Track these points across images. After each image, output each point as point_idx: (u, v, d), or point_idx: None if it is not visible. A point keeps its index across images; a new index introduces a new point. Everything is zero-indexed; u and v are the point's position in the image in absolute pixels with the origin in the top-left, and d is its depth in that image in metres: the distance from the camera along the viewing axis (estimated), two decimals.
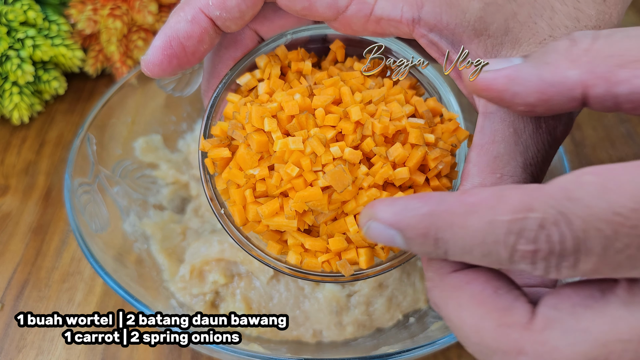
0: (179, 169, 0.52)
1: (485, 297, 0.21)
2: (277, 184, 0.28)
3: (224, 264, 0.42)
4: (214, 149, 0.30)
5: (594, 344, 0.19)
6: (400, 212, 0.21)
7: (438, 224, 0.20)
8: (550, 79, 0.21)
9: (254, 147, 0.28)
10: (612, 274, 0.19)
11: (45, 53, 0.57)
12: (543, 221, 0.18)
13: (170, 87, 0.53)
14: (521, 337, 0.20)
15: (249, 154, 0.28)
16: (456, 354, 0.43)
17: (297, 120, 0.28)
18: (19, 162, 0.58)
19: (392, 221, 0.21)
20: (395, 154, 0.27)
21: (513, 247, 0.19)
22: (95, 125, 0.46)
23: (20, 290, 0.47)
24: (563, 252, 0.18)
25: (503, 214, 0.19)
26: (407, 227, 0.21)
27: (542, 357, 0.19)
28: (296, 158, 0.27)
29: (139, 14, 0.60)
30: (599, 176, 0.18)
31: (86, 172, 0.43)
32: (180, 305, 0.42)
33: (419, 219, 0.20)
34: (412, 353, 0.33)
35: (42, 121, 0.62)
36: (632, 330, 0.18)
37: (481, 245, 0.19)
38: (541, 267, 0.19)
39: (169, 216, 0.49)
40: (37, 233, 0.51)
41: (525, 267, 0.19)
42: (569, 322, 0.19)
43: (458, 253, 0.20)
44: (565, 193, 0.18)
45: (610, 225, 0.17)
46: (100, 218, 0.42)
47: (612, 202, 0.17)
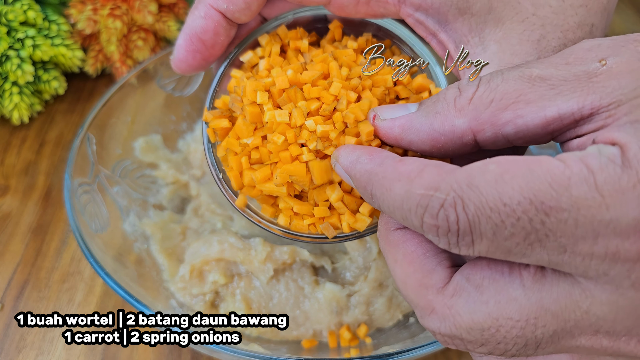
0: (178, 169, 0.52)
1: (414, 258, 0.24)
2: (268, 153, 0.30)
3: (223, 264, 0.42)
4: (215, 120, 0.32)
5: (488, 316, 0.21)
6: (353, 162, 0.24)
7: (373, 182, 0.23)
8: (440, 129, 0.23)
9: (248, 119, 0.30)
10: (506, 258, 0.20)
11: (45, 53, 0.57)
12: (444, 202, 0.20)
13: (170, 86, 0.53)
14: (434, 299, 0.23)
15: (245, 125, 0.30)
16: (456, 353, 0.43)
17: (286, 94, 0.30)
18: (18, 162, 0.58)
19: (347, 168, 0.25)
20: (366, 130, 0.28)
21: (421, 218, 0.21)
22: (95, 125, 0.46)
23: (20, 291, 0.47)
24: (459, 232, 0.20)
25: (417, 188, 0.21)
26: (354, 177, 0.24)
27: (446, 318, 0.22)
28: (282, 130, 0.29)
29: (139, 13, 0.60)
30: (500, 166, 0.20)
31: (86, 172, 0.43)
32: (180, 305, 0.42)
33: (362, 173, 0.24)
34: (413, 353, 0.33)
35: (42, 121, 0.62)
36: (522, 311, 0.21)
37: (400, 210, 0.22)
38: (444, 241, 0.21)
39: (168, 216, 0.49)
40: (37, 233, 0.51)
41: (433, 239, 0.21)
42: (473, 294, 0.22)
43: (386, 210, 0.23)
44: (468, 179, 0.20)
45: (498, 215, 0.19)
46: (100, 218, 0.42)
47: (502, 193, 0.19)
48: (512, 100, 0.22)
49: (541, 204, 0.18)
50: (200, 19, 0.30)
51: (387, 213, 0.23)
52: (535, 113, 0.22)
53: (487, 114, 0.22)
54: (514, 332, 0.21)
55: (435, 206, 0.20)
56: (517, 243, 0.19)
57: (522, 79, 0.22)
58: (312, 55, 0.33)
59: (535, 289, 0.21)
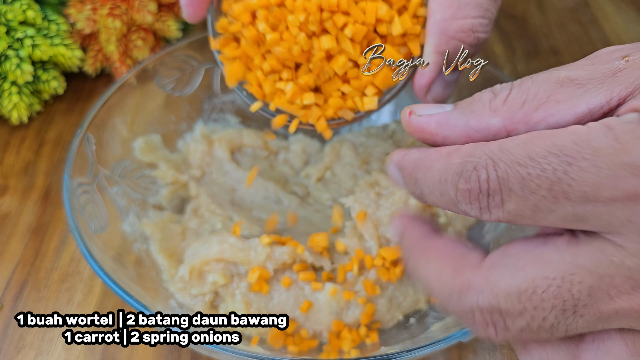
0: (178, 169, 0.52)
1: (447, 250, 0.26)
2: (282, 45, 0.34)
3: (223, 264, 0.42)
4: (225, 49, 0.37)
5: (524, 279, 0.22)
6: (402, 156, 0.27)
7: (418, 166, 0.25)
8: (476, 126, 0.25)
9: (249, 41, 0.35)
10: (534, 217, 0.22)
11: (44, 53, 0.57)
12: (477, 164, 0.22)
13: (170, 86, 0.53)
14: (470, 275, 0.24)
15: (249, 47, 0.35)
16: (457, 354, 0.43)
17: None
18: (18, 162, 0.58)
19: (397, 161, 0.27)
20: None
21: (456, 186, 0.23)
22: (95, 125, 0.45)
23: (20, 291, 0.47)
24: (489, 191, 0.22)
25: (455, 158, 0.23)
26: (402, 168, 0.27)
27: (484, 290, 0.23)
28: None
29: (138, 13, 0.60)
30: (529, 134, 0.22)
31: (85, 172, 0.43)
32: (179, 306, 0.42)
33: (408, 161, 0.26)
34: (413, 354, 0.33)
35: (41, 121, 0.62)
36: (558, 269, 0.22)
37: (439, 185, 0.24)
38: (475, 207, 0.23)
39: (168, 216, 0.49)
40: (36, 233, 0.51)
41: (466, 208, 0.23)
42: (509, 263, 0.23)
43: (427, 192, 0.25)
44: (500, 144, 0.22)
45: (525, 169, 0.21)
46: (100, 218, 0.42)
47: (529, 151, 0.21)
48: (542, 100, 0.24)
49: (565, 156, 0.20)
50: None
51: (427, 195, 0.25)
52: (565, 111, 0.23)
53: (521, 114, 0.24)
54: (550, 291, 0.22)
55: (469, 169, 0.22)
56: (543, 196, 0.21)
57: (550, 80, 0.24)
58: None
59: (569, 251, 0.22)
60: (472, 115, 0.25)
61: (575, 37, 0.77)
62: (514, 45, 0.75)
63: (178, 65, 0.53)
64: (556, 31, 0.78)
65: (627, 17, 0.80)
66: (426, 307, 0.44)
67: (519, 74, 0.68)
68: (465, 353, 0.43)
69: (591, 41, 0.76)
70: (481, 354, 0.43)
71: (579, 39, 0.76)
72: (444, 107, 0.27)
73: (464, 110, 0.26)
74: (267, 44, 0.34)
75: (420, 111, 0.27)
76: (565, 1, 0.84)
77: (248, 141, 0.54)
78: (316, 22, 0.33)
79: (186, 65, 0.54)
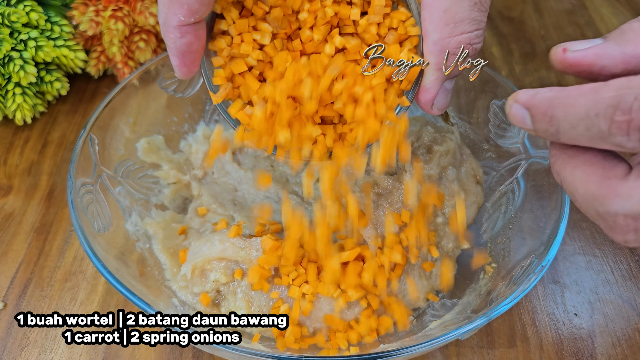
0: (180, 169, 0.52)
1: (594, 160, 0.27)
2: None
3: (225, 263, 0.43)
4: (234, 110, 0.36)
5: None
6: (532, 95, 0.27)
7: (554, 104, 0.26)
8: (633, 52, 0.26)
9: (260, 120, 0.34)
10: None
11: (47, 54, 0.58)
12: (638, 94, 0.22)
13: (172, 87, 0.53)
14: (618, 185, 0.25)
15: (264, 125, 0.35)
16: (455, 352, 0.43)
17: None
18: (21, 162, 0.59)
19: (524, 101, 0.28)
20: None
21: (611, 118, 0.23)
22: (98, 126, 0.46)
23: (23, 290, 0.48)
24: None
25: (606, 92, 0.24)
26: (533, 107, 0.27)
27: (631, 197, 0.25)
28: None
29: (141, 15, 0.60)
30: None
31: (89, 173, 0.44)
32: (181, 304, 0.42)
33: (542, 100, 0.27)
34: (411, 351, 0.34)
35: (45, 122, 0.63)
36: None
37: (585, 119, 0.24)
38: (635, 137, 0.23)
39: (170, 216, 0.49)
40: (40, 233, 0.52)
41: (621, 140, 0.23)
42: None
43: (567, 129, 0.25)
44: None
45: None
46: (103, 218, 0.43)
47: None
48: None
49: None
50: (179, 39, 0.32)
51: (567, 132, 0.26)
52: None
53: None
54: None
55: (628, 100, 0.23)
56: None
57: None
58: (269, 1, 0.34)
59: None
60: (627, 44, 0.26)
61: (572, 39, 0.77)
62: (511, 47, 0.75)
63: None
64: (553, 33, 0.78)
65: (623, 18, 0.81)
66: (425, 305, 0.44)
67: (517, 76, 0.69)
68: (463, 350, 0.43)
69: None
70: (478, 351, 0.43)
71: (576, 40, 0.77)
72: (595, 41, 0.28)
73: (618, 40, 0.27)
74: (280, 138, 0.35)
75: (574, 47, 0.28)
76: (562, 3, 0.84)
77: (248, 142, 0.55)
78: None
79: None
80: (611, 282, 0.49)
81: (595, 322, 0.46)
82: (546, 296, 0.47)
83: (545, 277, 0.49)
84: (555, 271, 0.49)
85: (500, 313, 0.35)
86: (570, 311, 0.46)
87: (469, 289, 0.43)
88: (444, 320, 0.40)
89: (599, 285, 0.48)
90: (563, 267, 0.50)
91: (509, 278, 0.40)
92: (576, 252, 0.51)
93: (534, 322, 0.46)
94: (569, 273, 0.49)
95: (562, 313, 0.46)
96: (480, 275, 0.44)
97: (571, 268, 0.50)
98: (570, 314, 0.46)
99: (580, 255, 0.51)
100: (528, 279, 0.36)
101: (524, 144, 0.48)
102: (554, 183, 0.43)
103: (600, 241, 0.52)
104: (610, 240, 0.52)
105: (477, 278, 0.44)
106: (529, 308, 0.47)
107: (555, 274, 0.49)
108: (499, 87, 0.49)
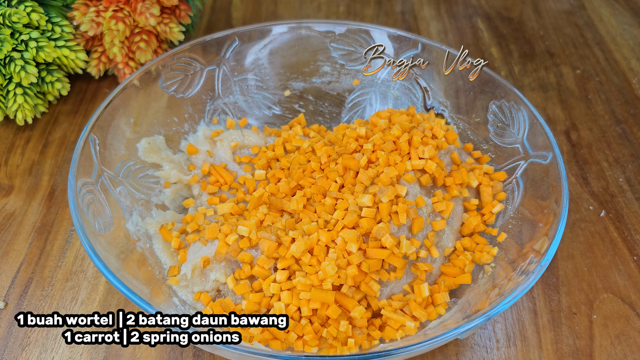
0: (181, 170, 0.53)
1: None
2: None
3: (225, 262, 0.43)
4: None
5: None
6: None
7: None
8: None
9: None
10: None
11: (48, 55, 0.58)
12: None
13: (173, 88, 0.54)
14: None
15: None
16: (454, 351, 0.43)
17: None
18: (22, 162, 0.59)
19: None
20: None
21: None
22: (99, 126, 0.46)
23: (24, 289, 0.48)
24: None
25: None
26: None
27: None
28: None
29: (141, 16, 0.61)
30: None
31: (89, 173, 0.44)
32: (182, 303, 0.43)
33: None
34: (411, 350, 0.34)
35: (46, 122, 0.63)
36: None
37: None
38: None
39: (171, 215, 0.49)
40: (41, 232, 0.52)
41: None
42: None
43: None
44: None
45: None
46: (104, 217, 0.43)
47: None
48: None
49: None
50: None
51: None
52: None
53: None
54: None
55: None
56: None
57: None
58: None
59: None
60: None
61: (571, 39, 0.77)
62: (510, 47, 0.75)
63: (180, 68, 0.54)
64: (552, 33, 0.78)
65: (622, 19, 0.81)
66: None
67: (516, 76, 0.69)
68: (462, 350, 0.44)
69: (587, 43, 0.77)
70: (478, 351, 0.44)
71: (575, 41, 0.77)
72: None
73: None
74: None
75: None
76: (561, 4, 0.84)
77: (249, 141, 0.55)
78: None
79: (188, 67, 0.54)
80: (611, 281, 0.49)
81: (594, 321, 0.46)
82: (545, 296, 0.48)
83: (544, 276, 0.49)
84: (554, 271, 0.50)
85: (499, 312, 0.35)
86: (570, 311, 0.47)
87: (468, 288, 0.44)
88: (443, 319, 0.40)
89: (598, 285, 0.49)
90: (562, 266, 0.50)
91: (508, 278, 0.40)
92: (575, 252, 0.51)
93: (533, 321, 0.46)
94: (568, 273, 0.50)
95: (561, 313, 0.47)
96: (480, 274, 0.44)
97: (570, 268, 0.50)
98: (569, 313, 0.47)
99: (579, 255, 0.51)
100: (527, 278, 0.37)
101: (523, 144, 0.48)
102: (553, 183, 0.43)
103: (599, 241, 0.52)
104: (609, 240, 0.52)
105: (476, 278, 0.44)
106: (528, 307, 0.47)
107: (555, 273, 0.49)
108: (498, 88, 0.50)
